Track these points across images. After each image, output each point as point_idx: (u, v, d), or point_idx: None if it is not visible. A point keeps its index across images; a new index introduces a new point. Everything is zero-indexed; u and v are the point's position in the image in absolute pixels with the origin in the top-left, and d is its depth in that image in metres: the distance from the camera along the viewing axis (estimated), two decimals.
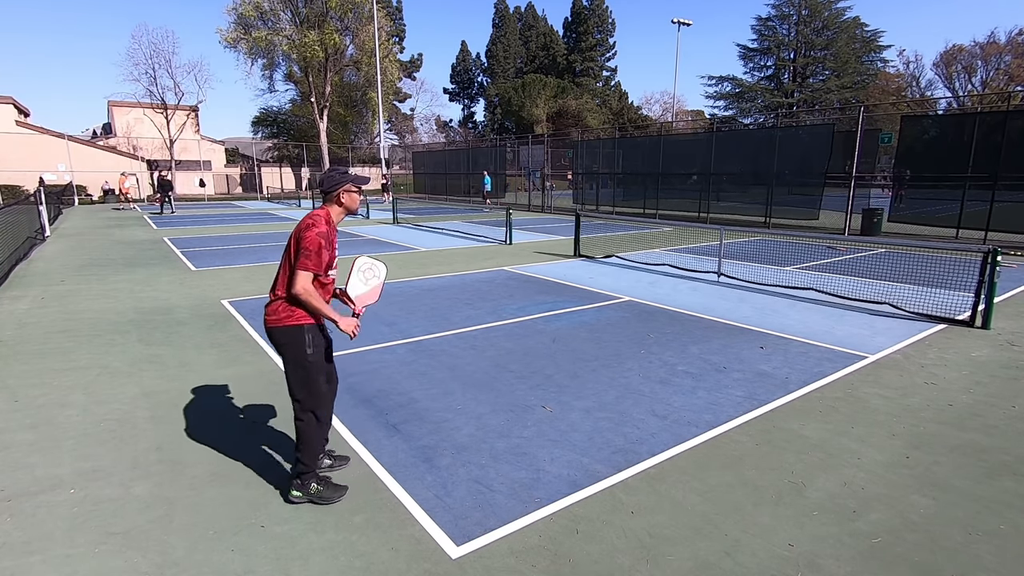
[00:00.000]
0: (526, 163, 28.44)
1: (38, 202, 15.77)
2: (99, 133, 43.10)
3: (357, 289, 3.03)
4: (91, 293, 8.11)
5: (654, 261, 10.52)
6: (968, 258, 9.05)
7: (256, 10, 36.91)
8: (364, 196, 3.34)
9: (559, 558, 2.52)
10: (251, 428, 3.82)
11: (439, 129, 60.44)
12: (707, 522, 2.78)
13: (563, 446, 3.53)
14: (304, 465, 2.90)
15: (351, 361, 5.10)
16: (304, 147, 42.44)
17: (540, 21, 62.21)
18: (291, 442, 3.58)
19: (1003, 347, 5.60)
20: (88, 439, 3.64)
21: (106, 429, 3.78)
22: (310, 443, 2.91)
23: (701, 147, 19.99)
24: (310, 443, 2.91)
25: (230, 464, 3.34)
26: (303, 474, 2.91)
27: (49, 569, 2.45)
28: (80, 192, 31.13)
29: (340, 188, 2.87)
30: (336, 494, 2.95)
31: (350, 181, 2.89)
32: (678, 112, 50.98)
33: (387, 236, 15.32)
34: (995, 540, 2.66)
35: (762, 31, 53.50)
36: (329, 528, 2.74)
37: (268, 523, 2.78)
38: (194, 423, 3.88)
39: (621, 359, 5.18)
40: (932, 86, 48.36)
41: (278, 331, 2.81)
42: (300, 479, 2.91)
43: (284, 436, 3.68)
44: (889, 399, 4.30)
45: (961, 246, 7.60)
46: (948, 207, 13.88)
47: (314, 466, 2.94)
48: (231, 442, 3.60)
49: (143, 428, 3.81)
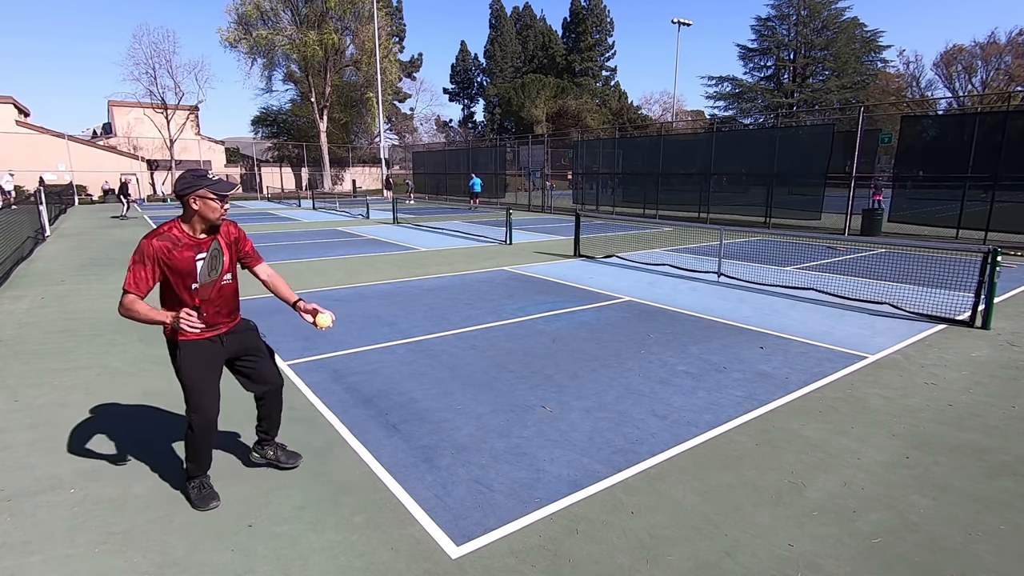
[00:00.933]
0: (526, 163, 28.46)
1: (38, 202, 15.77)
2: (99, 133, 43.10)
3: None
4: (91, 293, 8.11)
5: (654, 261, 10.52)
6: (968, 258, 9.05)
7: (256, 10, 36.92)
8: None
9: (559, 558, 2.52)
10: (251, 428, 3.82)
11: (439, 129, 60.46)
12: (707, 522, 2.78)
13: (563, 446, 3.53)
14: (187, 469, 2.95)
15: (351, 361, 5.10)
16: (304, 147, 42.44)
17: (538, 21, 62.21)
18: (292, 441, 3.58)
19: (1003, 347, 5.60)
20: (88, 439, 3.64)
21: (106, 429, 3.78)
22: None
23: (701, 147, 19.99)
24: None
25: (230, 464, 3.34)
26: (188, 476, 2.95)
27: (49, 569, 2.45)
28: (80, 192, 31.13)
29: (191, 193, 2.58)
30: (205, 503, 2.88)
31: (205, 186, 2.58)
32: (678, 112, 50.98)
33: (387, 236, 15.32)
34: (995, 540, 2.66)
35: (762, 31, 53.56)
36: (329, 528, 2.74)
37: (268, 523, 2.78)
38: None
39: (621, 359, 5.18)
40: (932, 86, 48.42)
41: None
42: (187, 480, 2.96)
43: (285, 436, 3.68)
44: (889, 399, 4.30)
45: (961, 246, 7.60)
46: (948, 207, 13.88)
47: (196, 472, 2.93)
48: (231, 442, 3.60)
49: (143, 428, 3.81)
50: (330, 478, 3.18)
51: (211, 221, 2.67)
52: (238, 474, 3.23)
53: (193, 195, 2.59)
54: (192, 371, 2.77)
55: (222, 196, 2.64)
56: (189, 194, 2.59)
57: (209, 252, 2.57)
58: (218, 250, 2.58)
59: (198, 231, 2.68)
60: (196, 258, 2.65)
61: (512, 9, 62.62)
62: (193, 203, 2.60)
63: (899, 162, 15.25)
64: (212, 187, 2.60)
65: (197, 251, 2.66)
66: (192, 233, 2.67)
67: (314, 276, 9.28)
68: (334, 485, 3.11)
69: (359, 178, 43.04)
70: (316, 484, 3.12)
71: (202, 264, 2.63)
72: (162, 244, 2.59)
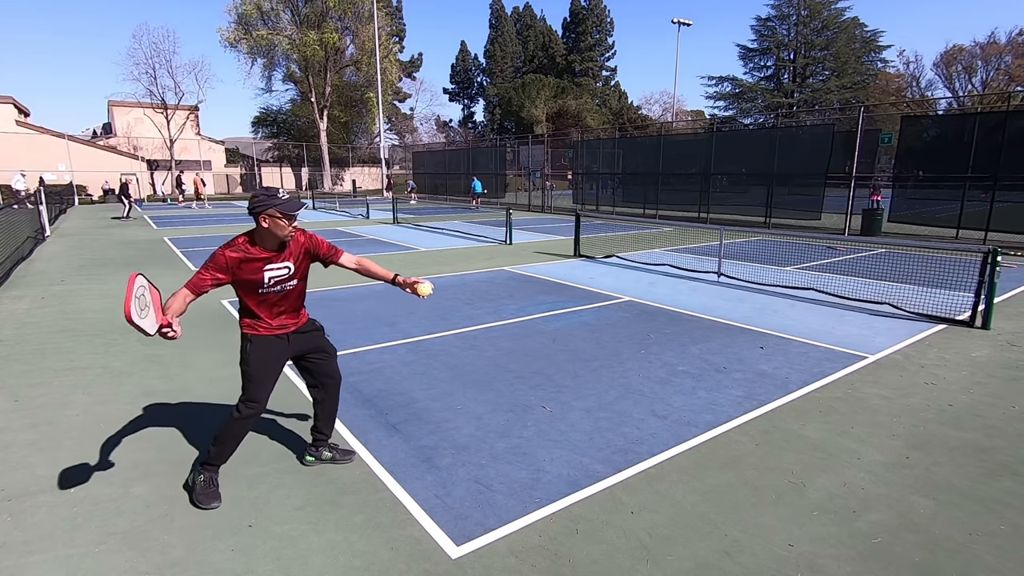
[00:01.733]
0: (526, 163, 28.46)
1: (38, 202, 15.78)
2: (99, 133, 43.09)
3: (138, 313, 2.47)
4: (91, 293, 8.11)
5: (654, 261, 10.52)
6: (968, 258, 9.05)
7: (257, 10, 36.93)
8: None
9: (559, 558, 2.52)
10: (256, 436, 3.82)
11: (439, 129, 60.46)
12: (707, 522, 2.78)
13: (563, 446, 3.53)
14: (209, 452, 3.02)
15: (351, 361, 5.10)
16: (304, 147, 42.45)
17: (538, 21, 62.22)
18: (291, 441, 3.59)
19: (1003, 347, 5.60)
20: (88, 439, 3.64)
21: (106, 429, 3.78)
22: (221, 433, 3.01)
23: (701, 147, 20.00)
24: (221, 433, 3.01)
25: (230, 464, 3.34)
26: (204, 462, 3.02)
27: (49, 569, 2.45)
28: (80, 192, 31.13)
29: (262, 212, 2.72)
30: (207, 500, 2.92)
31: (274, 205, 2.72)
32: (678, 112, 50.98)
33: (387, 236, 15.32)
34: (995, 540, 2.66)
35: (762, 31, 53.53)
36: (329, 528, 2.74)
37: (268, 523, 2.78)
38: (195, 423, 3.88)
39: (621, 359, 5.17)
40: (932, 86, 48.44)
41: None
42: (201, 465, 3.02)
43: (285, 436, 3.68)
44: (889, 399, 4.30)
45: (961, 246, 7.61)
46: (948, 207, 13.88)
47: (216, 460, 3.02)
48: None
49: (143, 428, 3.81)
50: (330, 478, 3.18)
51: (279, 238, 2.81)
52: (238, 474, 3.23)
53: (263, 214, 2.73)
54: (256, 364, 2.90)
55: (290, 215, 2.77)
56: (260, 213, 2.73)
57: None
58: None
59: (267, 246, 2.82)
60: (264, 269, 2.81)
61: (512, 9, 62.69)
62: (263, 221, 2.74)
63: (899, 162, 15.25)
64: (281, 207, 2.72)
65: (265, 264, 2.82)
66: (262, 247, 2.82)
67: (314, 276, 9.27)
68: (334, 485, 3.11)
69: (359, 178, 43.04)
70: (316, 484, 3.12)
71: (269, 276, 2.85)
72: (234, 256, 2.76)
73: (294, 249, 2.91)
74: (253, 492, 3.05)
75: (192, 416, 4.00)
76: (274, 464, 3.35)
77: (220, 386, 4.54)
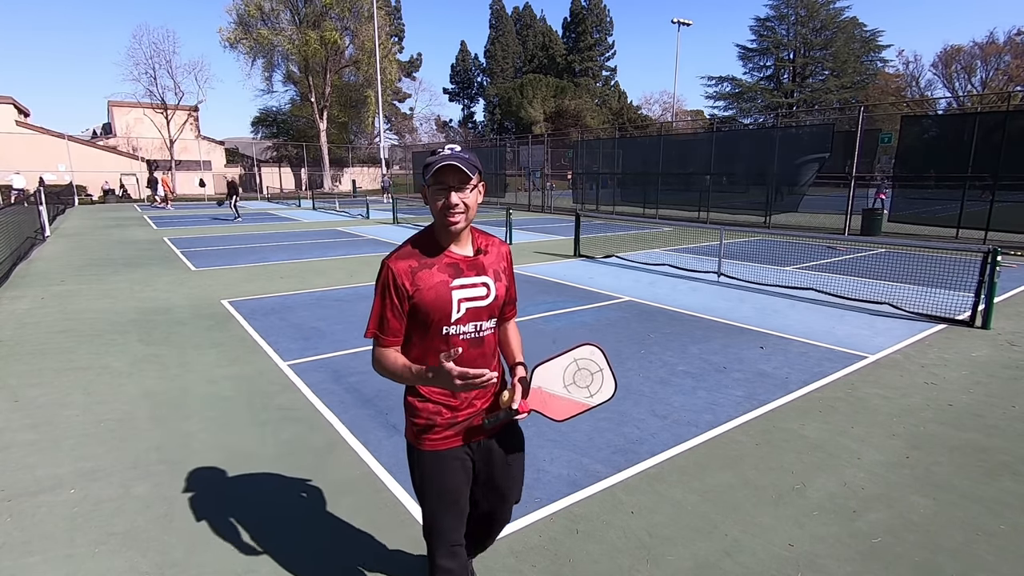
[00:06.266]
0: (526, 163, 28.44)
1: (38, 202, 15.77)
2: (99, 133, 43.08)
3: (548, 382, 1.88)
4: (91, 293, 8.11)
5: (654, 261, 10.52)
6: (968, 258, 9.04)
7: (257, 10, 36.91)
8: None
9: (559, 558, 2.52)
10: (251, 428, 3.82)
11: (439, 129, 60.42)
12: (707, 522, 2.78)
13: (563, 446, 3.53)
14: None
15: (352, 361, 5.10)
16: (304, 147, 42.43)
17: (538, 21, 62.23)
18: (291, 440, 3.59)
19: (1003, 347, 5.60)
20: (88, 439, 3.64)
21: (106, 429, 3.78)
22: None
23: (701, 147, 20.00)
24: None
25: (231, 464, 3.34)
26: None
27: (49, 569, 2.45)
28: (80, 192, 31.11)
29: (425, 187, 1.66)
30: None
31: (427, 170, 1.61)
32: (678, 112, 50.99)
33: (387, 236, 15.32)
34: (995, 540, 2.66)
35: (761, 31, 53.57)
36: (329, 528, 2.74)
37: (268, 523, 2.77)
38: (194, 423, 3.88)
39: (621, 359, 5.17)
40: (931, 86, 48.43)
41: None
42: None
43: (285, 436, 3.68)
44: (889, 399, 4.30)
45: (961, 246, 7.60)
46: (948, 207, 13.88)
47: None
48: (232, 442, 3.60)
49: (143, 428, 3.81)
50: (330, 478, 3.18)
51: (439, 221, 1.65)
52: (238, 474, 3.23)
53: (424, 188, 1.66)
54: (437, 483, 1.84)
55: (438, 179, 1.59)
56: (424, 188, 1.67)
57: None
58: None
59: (443, 241, 1.69)
60: (451, 286, 1.66)
61: (512, 9, 62.76)
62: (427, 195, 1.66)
63: (899, 162, 15.25)
64: (427, 168, 1.61)
65: (453, 274, 1.67)
66: (440, 243, 1.70)
67: (314, 276, 9.28)
68: (334, 485, 3.11)
69: (359, 178, 43.01)
70: (316, 484, 3.12)
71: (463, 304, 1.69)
72: (404, 265, 1.65)
73: (494, 260, 1.80)
74: (253, 492, 3.05)
75: (192, 416, 3.99)
76: (274, 464, 3.34)
77: (220, 386, 4.54)
